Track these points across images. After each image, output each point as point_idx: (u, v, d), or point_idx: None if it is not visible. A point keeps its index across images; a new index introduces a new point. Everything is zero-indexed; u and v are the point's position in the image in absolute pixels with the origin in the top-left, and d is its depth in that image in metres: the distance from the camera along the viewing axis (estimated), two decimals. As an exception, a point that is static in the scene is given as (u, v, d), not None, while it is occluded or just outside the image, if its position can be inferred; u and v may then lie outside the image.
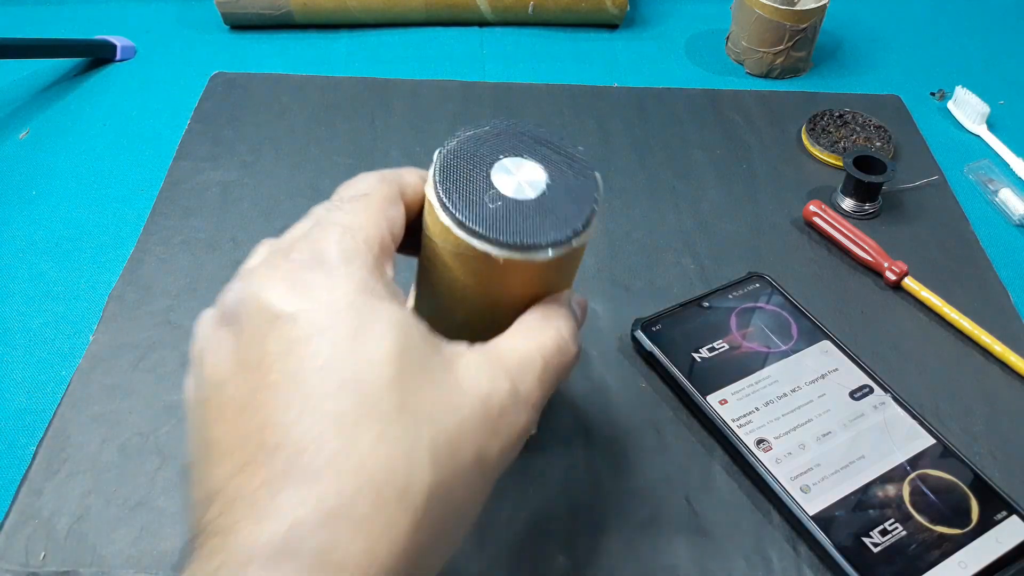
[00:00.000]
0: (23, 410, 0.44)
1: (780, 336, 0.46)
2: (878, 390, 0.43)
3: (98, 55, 0.68)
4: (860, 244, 0.52)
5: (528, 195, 0.27)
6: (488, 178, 0.27)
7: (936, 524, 0.38)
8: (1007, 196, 0.58)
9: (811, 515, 0.38)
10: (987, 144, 0.63)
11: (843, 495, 0.39)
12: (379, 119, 0.62)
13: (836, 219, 0.53)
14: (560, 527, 0.39)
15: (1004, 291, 0.51)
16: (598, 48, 0.72)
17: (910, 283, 0.50)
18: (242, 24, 0.72)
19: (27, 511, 0.39)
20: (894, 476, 0.40)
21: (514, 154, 0.28)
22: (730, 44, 0.71)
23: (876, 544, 0.37)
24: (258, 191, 0.56)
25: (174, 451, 0.41)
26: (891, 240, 0.54)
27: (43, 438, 0.42)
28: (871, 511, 0.38)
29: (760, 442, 0.41)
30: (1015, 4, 0.80)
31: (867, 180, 0.54)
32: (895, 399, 0.43)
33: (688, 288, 0.50)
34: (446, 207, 0.26)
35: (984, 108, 0.64)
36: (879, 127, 0.62)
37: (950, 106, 0.66)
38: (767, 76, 0.69)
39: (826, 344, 0.46)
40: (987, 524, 0.38)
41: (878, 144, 0.60)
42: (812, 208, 0.54)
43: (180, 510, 0.39)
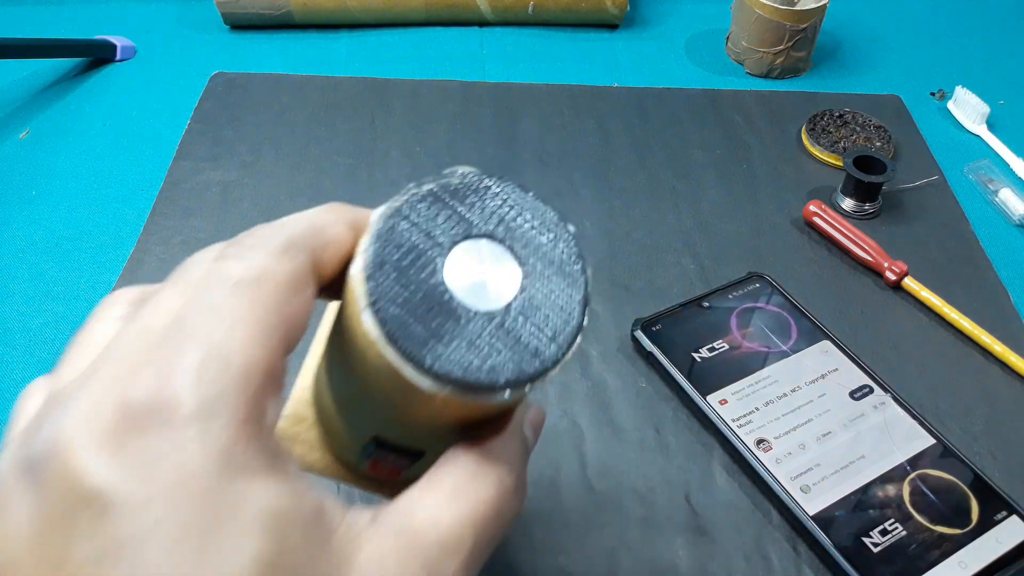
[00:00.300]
0: (23, 410, 0.44)
1: (780, 336, 0.46)
2: (878, 390, 0.43)
3: (98, 55, 0.68)
4: (860, 244, 0.52)
5: (490, 302, 0.20)
6: (437, 271, 0.20)
7: (936, 524, 0.38)
8: (1007, 196, 0.58)
9: (811, 515, 0.38)
10: (987, 144, 0.63)
11: (843, 495, 0.39)
12: (379, 119, 0.62)
13: (836, 219, 0.53)
14: (560, 527, 0.39)
15: (1004, 291, 0.51)
16: (598, 48, 0.72)
17: (910, 283, 0.50)
18: (242, 24, 0.72)
19: (27, 511, 0.39)
20: (894, 476, 0.40)
21: (480, 234, 0.21)
22: (730, 44, 0.71)
23: (876, 544, 0.37)
24: (258, 191, 0.56)
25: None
26: (891, 240, 0.54)
27: (43, 438, 0.42)
28: (871, 511, 0.38)
29: (760, 442, 0.41)
30: (1015, 4, 0.80)
31: (867, 180, 0.54)
32: (895, 399, 0.43)
33: (688, 288, 0.50)
34: (373, 307, 0.19)
35: (984, 108, 0.64)
36: (879, 127, 0.62)
37: (950, 106, 0.66)
38: (767, 76, 0.69)
39: (826, 344, 0.46)
40: (987, 524, 0.38)
41: (878, 144, 0.60)
42: (812, 208, 0.54)
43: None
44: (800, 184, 0.58)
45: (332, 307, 0.25)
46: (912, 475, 0.40)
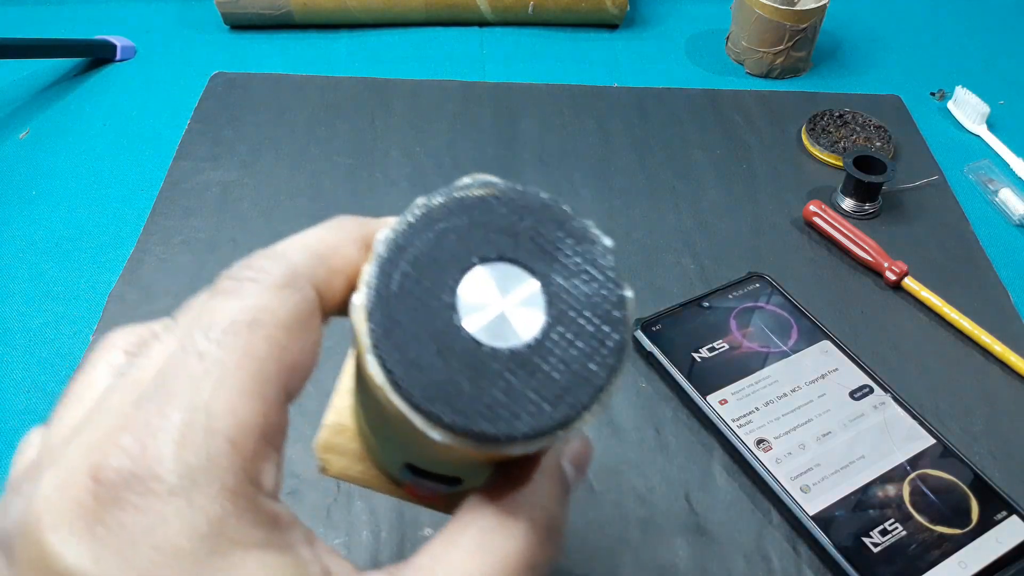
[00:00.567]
0: (23, 410, 0.44)
1: (780, 336, 0.46)
2: (878, 390, 0.43)
3: (98, 55, 0.68)
4: (860, 244, 0.52)
5: (509, 339, 0.17)
6: (451, 301, 0.17)
7: (936, 524, 0.38)
8: (1007, 196, 0.58)
9: (811, 515, 0.38)
10: (987, 144, 0.63)
11: (843, 495, 0.39)
12: (379, 119, 0.62)
13: (836, 219, 0.53)
14: (560, 527, 0.39)
15: (1004, 291, 0.51)
16: (598, 48, 0.72)
17: (910, 283, 0.50)
18: (242, 24, 0.72)
19: (27, 511, 0.39)
20: (894, 476, 0.40)
21: (502, 258, 0.18)
22: (730, 44, 0.71)
23: (876, 544, 0.37)
24: (258, 191, 0.56)
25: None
26: (891, 240, 0.54)
27: (43, 438, 0.42)
28: (871, 511, 0.38)
29: (760, 442, 0.41)
30: (1015, 4, 0.80)
31: (867, 180, 0.54)
32: (895, 399, 0.43)
33: (688, 288, 0.50)
34: (376, 351, 0.17)
35: (984, 108, 0.64)
36: (879, 127, 0.62)
37: (950, 106, 0.66)
38: (767, 76, 0.69)
39: (826, 344, 0.46)
40: (987, 524, 0.38)
41: (878, 144, 0.60)
42: (812, 208, 0.54)
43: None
44: (800, 184, 0.58)
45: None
46: (912, 475, 0.40)
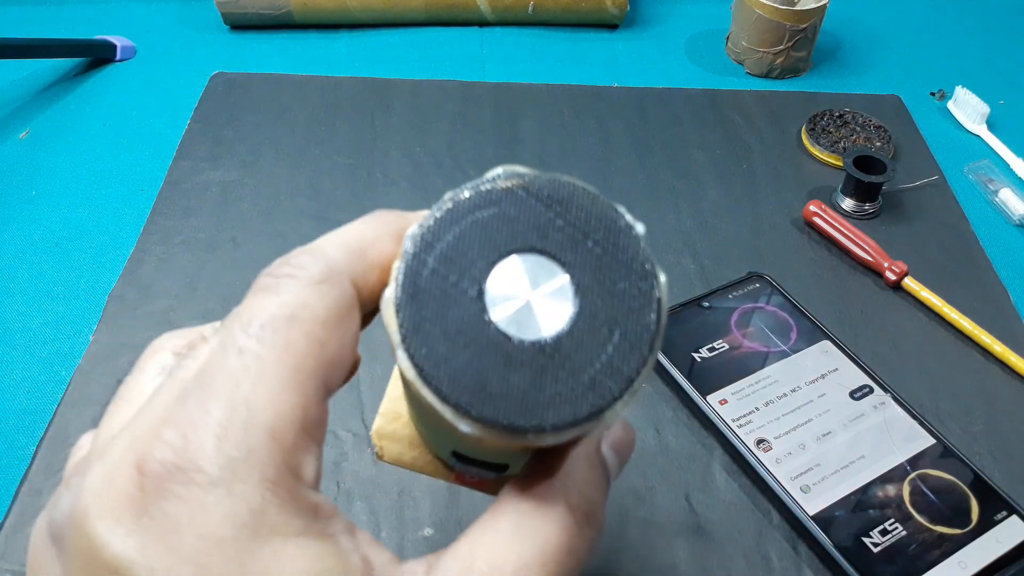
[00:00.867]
0: (23, 410, 0.44)
1: (780, 336, 0.46)
2: (878, 390, 0.43)
3: (98, 55, 0.68)
4: (860, 244, 0.52)
5: (538, 331, 0.17)
6: (479, 294, 0.18)
7: (936, 524, 0.38)
8: (1007, 196, 0.58)
9: (811, 515, 0.38)
10: (987, 144, 0.63)
11: (843, 495, 0.39)
12: (379, 119, 0.62)
13: (836, 219, 0.53)
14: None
15: (1004, 291, 0.51)
16: (598, 48, 0.72)
17: (910, 283, 0.50)
18: (242, 24, 0.72)
19: (27, 511, 0.39)
20: (894, 476, 0.40)
21: (530, 249, 0.18)
22: (730, 44, 0.71)
23: (876, 544, 0.37)
24: (258, 191, 0.56)
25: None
26: (891, 240, 0.54)
27: (43, 438, 0.42)
28: (871, 511, 0.38)
29: (760, 442, 0.41)
30: (1015, 4, 0.80)
31: (867, 180, 0.54)
32: (895, 399, 0.43)
33: (688, 288, 0.50)
34: (405, 344, 0.17)
35: (984, 108, 0.64)
36: (879, 127, 0.62)
37: (950, 106, 0.66)
38: (767, 76, 0.69)
39: (826, 344, 0.46)
40: (987, 524, 0.38)
41: (878, 144, 0.60)
42: (812, 208, 0.54)
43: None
44: (800, 184, 0.58)
45: None
46: (912, 475, 0.40)
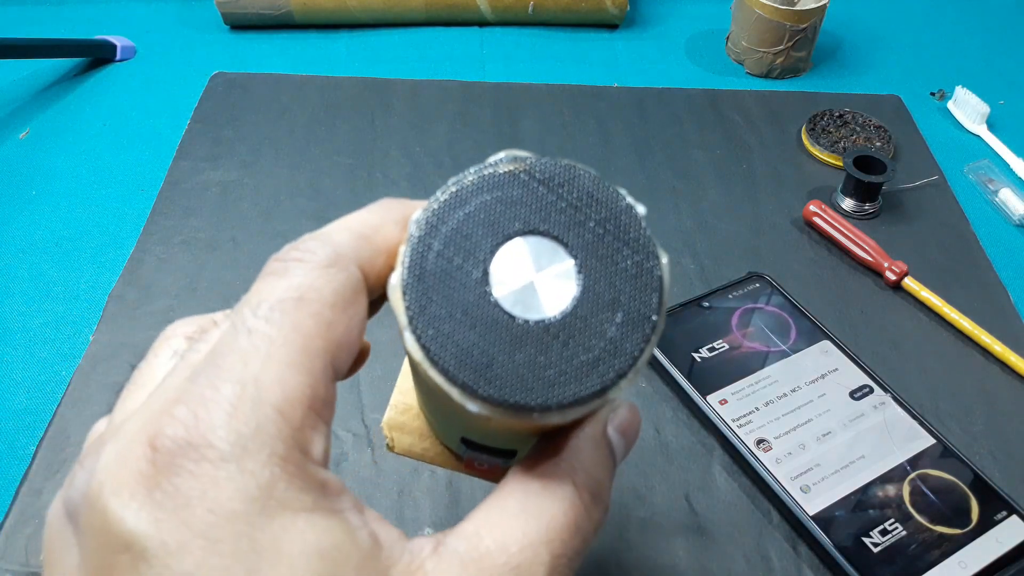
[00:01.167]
0: (23, 410, 0.44)
1: (780, 336, 0.46)
2: (878, 390, 0.43)
3: (98, 55, 0.68)
4: (860, 244, 0.52)
5: (542, 311, 0.18)
6: (484, 276, 0.18)
7: (936, 524, 0.38)
8: (1007, 196, 0.58)
9: (811, 515, 0.38)
10: (987, 144, 0.63)
11: (843, 495, 0.39)
12: (379, 119, 0.62)
13: (836, 219, 0.53)
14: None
15: (1004, 291, 0.51)
16: (598, 48, 0.72)
17: (910, 283, 0.50)
18: (242, 24, 0.72)
19: (27, 511, 0.39)
20: (894, 476, 0.40)
21: (533, 231, 0.18)
22: (730, 44, 0.71)
23: (876, 544, 0.37)
24: (258, 191, 0.56)
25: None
26: (891, 240, 0.54)
27: (43, 438, 0.42)
28: (871, 511, 0.38)
29: (760, 442, 0.41)
30: (1015, 4, 0.80)
31: (867, 180, 0.54)
32: (895, 399, 0.43)
33: (688, 288, 0.50)
34: (412, 325, 0.18)
35: (984, 108, 0.64)
36: (879, 127, 0.62)
37: (950, 106, 0.66)
38: (767, 76, 0.69)
39: (826, 344, 0.46)
40: (987, 524, 0.38)
41: (878, 144, 0.60)
42: (812, 208, 0.54)
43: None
44: (800, 184, 0.58)
45: None
46: (912, 475, 0.40)
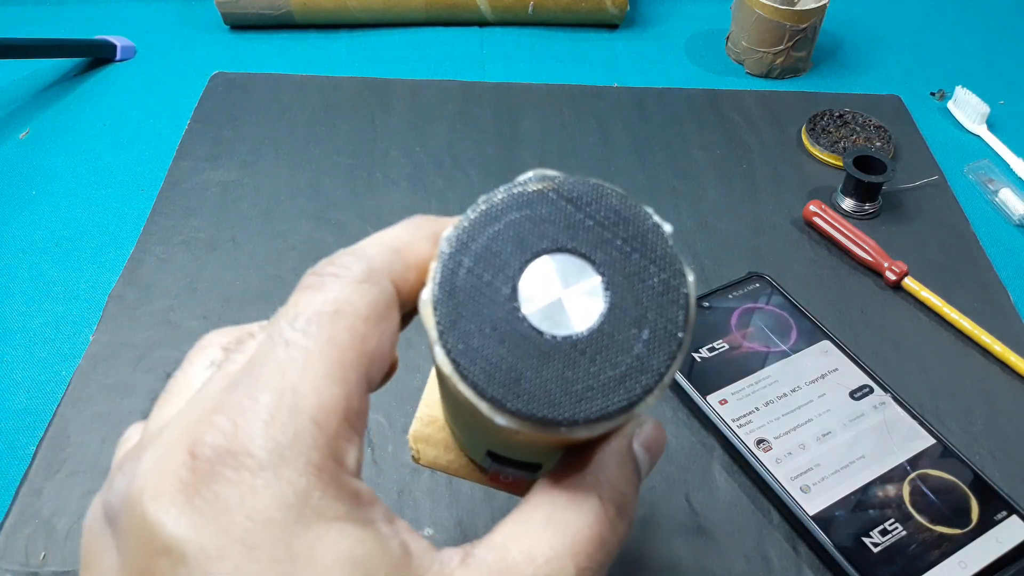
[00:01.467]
0: (23, 410, 0.44)
1: (780, 336, 0.46)
2: (878, 390, 0.43)
3: (98, 55, 0.68)
4: (860, 244, 0.52)
5: (570, 327, 0.18)
6: (513, 292, 0.18)
7: (936, 524, 0.38)
8: (1007, 196, 0.58)
9: (811, 515, 0.38)
10: (987, 144, 0.63)
11: (843, 495, 0.39)
12: (379, 119, 0.62)
13: (836, 219, 0.53)
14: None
15: (1004, 291, 0.51)
16: (598, 48, 0.72)
17: (910, 283, 0.50)
18: (242, 24, 0.72)
19: (27, 511, 0.39)
20: (894, 476, 0.40)
21: (562, 248, 0.19)
22: (730, 44, 0.71)
23: (876, 544, 0.37)
24: (258, 191, 0.56)
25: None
26: (891, 240, 0.54)
27: (43, 438, 0.42)
28: (871, 511, 0.38)
29: (760, 442, 0.41)
30: (1015, 4, 0.80)
31: (867, 180, 0.54)
32: (895, 399, 0.43)
33: (688, 288, 0.50)
34: (442, 340, 0.18)
35: (984, 108, 0.64)
36: (879, 127, 0.62)
37: (950, 106, 0.66)
38: (767, 76, 0.69)
39: (826, 344, 0.46)
40: (987, 524, 0.38)
41: (878, 144, 0.60)
42: (812, 208, 0.54)
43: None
44: (800, 184, 0.58)
45: None
46: (912, 475, 0.40)
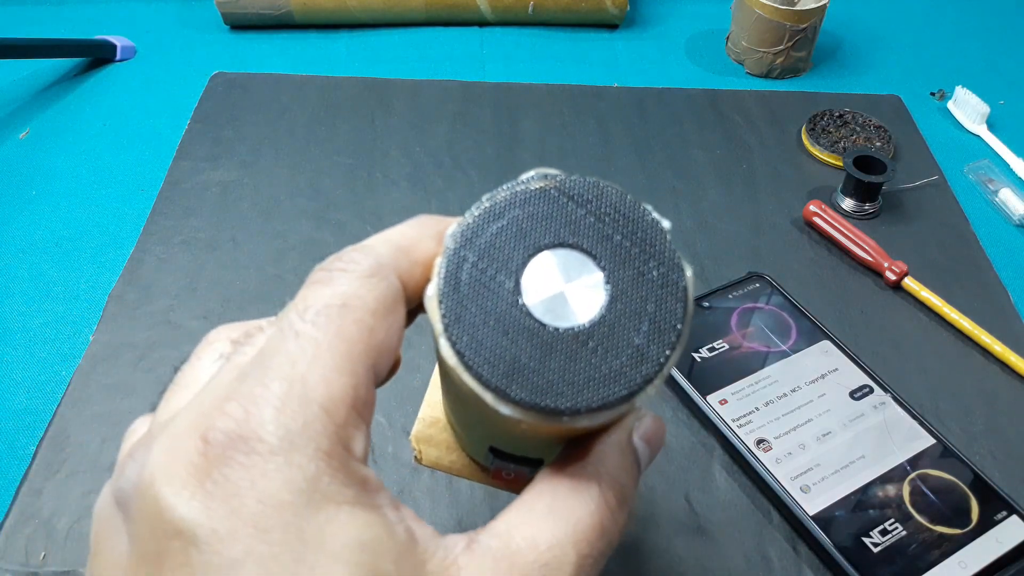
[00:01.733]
0: (23, 410, 0.44)
1: (780, 336, 0.46)
2: (878, 390, 0.43)
3: (98, 55, 0.68)
4: (860, 244, 0.52)
5: (572, 319, 0.19)
6: (516, 286, 0.19)
7: (936, 524, 0.38)
8: (1007, 196, 0.58)
9: (811, 515, 0.38)
10: (987, 144, 0.63)
11: (843, 495, 0.39)
12: (379, 119, 0.62)
13: (836, 219, 0.53)
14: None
15: (1004, 291, 0.51)
16: (598, 48, 0.72)
17: (910, 283, 0.50)
18: (242, 24, 0.72)
19: (27, 511, 0.39)
20: (894, 476, 0.40)
21: (563, 244, 0.19)
22: (730, 44, 0.71)
23: (876, 544, 0.37)
24: (258, 191, 0.56)
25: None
26: (891, 240, 0.54)
27: (43, 438, 0.42)
28: (871, 511, 0.38)
29: (760, 442, 0.41)
30: (1015, 4, 0.80)
31: (867, 180, 0.54)
32: (895, 399, 0.43)
33: (688, 288, 0.50)
34: (447, 333, 0.19)
35: (984, 108, 0.64)
36: (879, 127, 0.62)
37: (950, 106, 0.66)
38: (767, 76, 0.69)
39: (826, 344, 0.46)
40: (987, 524, 0.38)
41: (878, 144, 0.60)
42: (812, 208, 0.54)
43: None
44: (800, 184, 0.58)
45: None
46: (912, 475, 0.40)
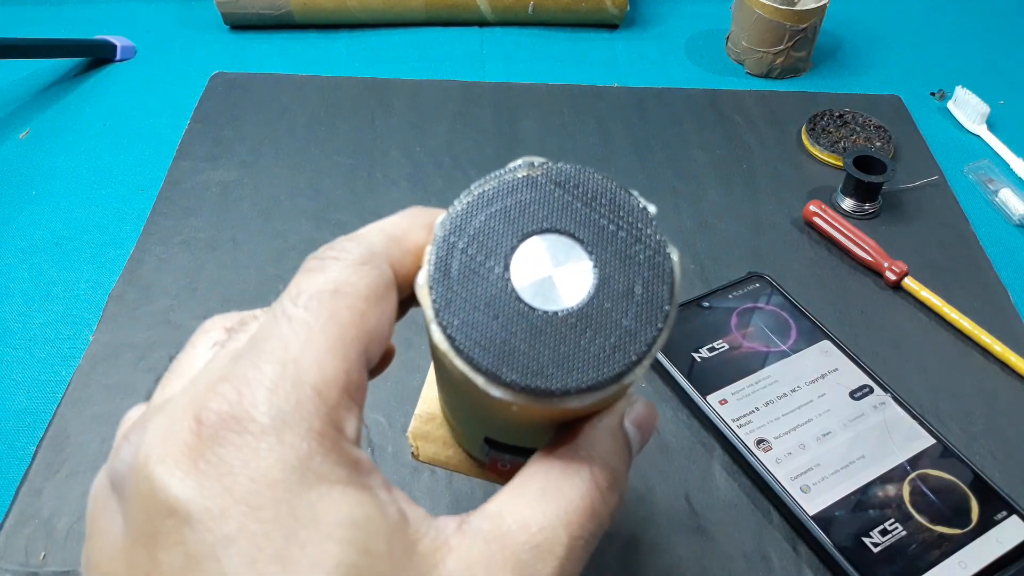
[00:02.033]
0: (23, 410, 0.44)
1: (780, 336, 0.46)
2: (878, 390, 0.43)
3: (98, 55, 0.68)
4: (860, 244, 0.52)
5: (560, 303, 0.19)
6: (505, 271, 0.19)
7: (936, 524, 0.38)
8: (1007, 196, 0.58)
9: (811, 515, 0.38)
10: (987, 144, 0.63)
11: (843, 495, 0.39)
12: (379, 119, 0.62)
13: (836, 219, 0.53)
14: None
15: (1004, 291, 0.51)
16: (598, 48, 0.72)
17: (910, 283, 0.50)
18: (242, 24, 0.72)
19: (27, 511, 0.39)
20: (894, 476, 0.40)
21: (551, 229, 0.20)
22: (730, 44, 0.71)
23: (876, 544, 0.37)
24: (258, 191, 0.56)
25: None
26: (891, 240, 0.54)
27: (43, 438, 0.42)
28: (871, 511, 0.38)
29: (760, 442, 0.41)
30: (1015, 4, 0.80)
31: (867, 180, 0.54)
32: (895, 399, 0.43)
33: (688, 288, 0.50)
34: (438, 318, 0.19)
35: (984, 108, 0.64)
36: (879, 127, 0.62)
37: (950, 106, 0.66)
38: (767, 76, 0.69)
39: (826, 344, 0.46)
40: (987, 524, 0.38)
41: (878, 144, 0.60)
42: (812, 208, 0.54)
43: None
44: (800, 184, 0.58)
45: None
46: (912, 475, 0.40)
